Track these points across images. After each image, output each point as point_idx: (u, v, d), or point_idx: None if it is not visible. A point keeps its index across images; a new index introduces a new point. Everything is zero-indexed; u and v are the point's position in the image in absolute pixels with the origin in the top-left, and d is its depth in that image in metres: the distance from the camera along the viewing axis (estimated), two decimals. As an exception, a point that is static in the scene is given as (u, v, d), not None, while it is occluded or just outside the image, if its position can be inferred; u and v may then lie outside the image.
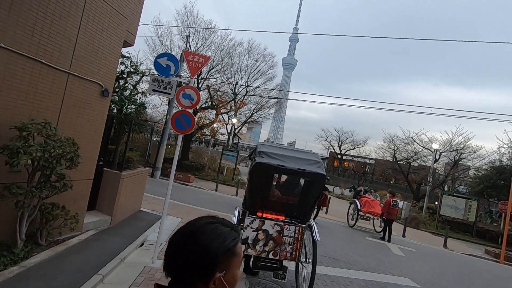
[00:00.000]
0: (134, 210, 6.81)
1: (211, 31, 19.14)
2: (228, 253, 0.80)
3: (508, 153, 19.97)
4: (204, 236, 0.79)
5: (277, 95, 25.89)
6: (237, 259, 0.82)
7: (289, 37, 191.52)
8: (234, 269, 0.81)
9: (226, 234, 0.82)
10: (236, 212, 4.33)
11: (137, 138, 9.72)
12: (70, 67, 4.23)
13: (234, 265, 0.81)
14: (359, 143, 37.50)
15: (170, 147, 20.74)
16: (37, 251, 3.79)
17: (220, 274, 0.78)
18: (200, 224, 0.83)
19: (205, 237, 0.79)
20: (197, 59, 4.57)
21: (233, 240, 0.82)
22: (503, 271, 9.61)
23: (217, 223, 0.84)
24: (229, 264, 0.80)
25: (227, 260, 0.80)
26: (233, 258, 0.81)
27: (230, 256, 0.80)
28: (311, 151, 4.66)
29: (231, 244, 0.81)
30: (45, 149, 3.41)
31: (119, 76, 8.33)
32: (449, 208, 16.33)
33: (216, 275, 0.77)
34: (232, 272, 0.81)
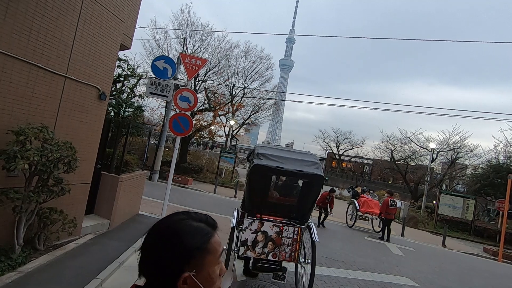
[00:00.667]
0: (133, 214, 6.79)
1: (208, 33, 19.18)
2: (198, 251, 0.75)
3: (505, 152, 20.13)
4: (172, 234, 0.75)
5: (274, 96, 25.94)
6: (211, 256, 0.76)
7: (286, 39, 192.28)
8: (208, 267, 0.75)
9: (197, 230, 0.77)
10: (235, 214, 4.33)
11: (135, 141, 9.71)
12: (67, 70, 4.22)
13: (208, 263, 0.75)
14: (357, 143, 37.71)
15: (168, 150, 20.70)
16: (35, 256, 3.77)
17: (190, 273, 0.73)
18: (170, 221, 0.79)
19: (173, 235, 0.75)
20: (194, 61, 4.58)
21: (203, 236, 0.77)
22: (501, 269, 9.65)
23: (188, 219, 0.79)
24: (202, 262, 0.75)
25: (199, 258, 0.74)
26: (205, 256, 0.75)
27: (202, 254, 0.75)
28: (309, 152, 4.67)
29: (201, 240, 0.76)
30: (43, 153, 3.39)
31: (116, 79, 8.32)
32: (447, 207, 16.40)
33: (185, 274, 0.72)
34: (206, 270, 0.75)
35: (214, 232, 0.80)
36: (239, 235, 3.96)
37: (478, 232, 15.44)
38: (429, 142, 22.88)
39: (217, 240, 0.79)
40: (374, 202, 11.71)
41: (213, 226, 0.81)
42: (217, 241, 0.79)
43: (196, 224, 0.79)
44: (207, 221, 0.81)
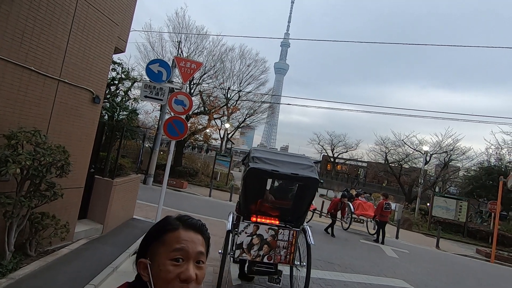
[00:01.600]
0: (127, 218, 6.72)
1: (203, 36, 19.22)
2: (153, 239, 0.76)
3: (496, 154, 20.47)
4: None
5: (269, 99, 26.03)
6: (163, 247, 0.75)
7: (281, 42, 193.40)
8: (160, 258, 0.74)
9: (161, 222, 0.80)
10: (230, 217, 4.32)
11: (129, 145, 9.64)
12: (60, 74, 4.19)
13: (159, 254, 0.74)
14: (351, 146, 37.95)
15: (162, 153, 20.59)
16: (26, 262, 3.70)
17: (145, 260, 0.75)
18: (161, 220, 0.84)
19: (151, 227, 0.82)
20: (189, 65, 4.58)
21: (162, 226, 0.78)
22: (494, 270, 9.77)
23: (171, 216, 0.82)
24: (155, 252, 0.75)
25: (153, 247, 0.76)
26: (158, 245, 0.75)
27: (156, 243, 0.76)
28: (304, 155, 4.69)
29: (158, 229, 0.78)
30: (35, 157, 3.35)
31: (110, 82, 8.26)
32: (440, 209, 16.57)
33: (142, 259, 0.76)
34: (157, 261, 0.74)
35: (182, 229, 0.78)
36: (235, 238, 3.95)
37: (471, 234, 15.62)
38: (422, 145, 23.17)
39: (178, 235, 0.76)
40: (368, 205, 11.80)
41: (186, 224, 0.79)
42: (177, 236, 0.76)
43: (172, 219, 0.81)
44: (182, 219, 0.81)
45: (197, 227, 0.80)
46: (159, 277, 0.72)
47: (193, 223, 0.80)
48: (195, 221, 0.82)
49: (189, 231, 0.78)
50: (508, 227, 16.30)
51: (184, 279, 0.71)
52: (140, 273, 0.76)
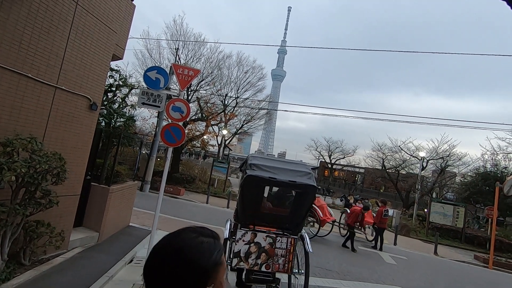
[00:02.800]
0: (123, 226, 6.64)
1: (201, 44, 19.34)
2: (216, 266, 0.80)
3: (492, 160, 20.61)
4: (190, 253, 0.76)
5: (267, 106, 26.13)
6: (223, 268, 0.83)
7: (278, 50, 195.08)
8: (221, 278, 0.82)
9: (211, 247, 0.80)
10: (228, 224, 4.29)
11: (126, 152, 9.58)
12: (57, 81, 4.18)
13: (221, 275, 0.82)
14: (349, 152, 38.04)
15: (159, 160, 20.50)
16: (20, 271, 3.63)
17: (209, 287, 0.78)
18: (182, 239, 0.79)
19: (191, 254, 0.75)
20: (187, 72, 4.60)
21: (218, 252, 0.82)
22: (492, 277, 9.74)
23: (199, 236, 0.81)
24: (217, 276, 0.80)
25: (215, 273, 0.80)
26: (220, 269, 0.81)
27: (218, 268, 0.80)
28: (301, 162, 4.69)
29: (217, 256, 0.81)
30: (30, 164, 3.32)
31: (107, 89, 8.27)
32: (438, 215, 16.58)
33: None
34: (219, 281, 0.81)
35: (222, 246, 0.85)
36: (232, 246, 3.92)
37: (468, 240, 15.61)
38: (419, 151, 23.32)
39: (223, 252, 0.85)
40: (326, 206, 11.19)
41: (219, 239, 0.86)
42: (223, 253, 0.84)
43: (208, 239, 0.83)
44: (213, 235, 0.85)
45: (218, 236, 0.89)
46: None
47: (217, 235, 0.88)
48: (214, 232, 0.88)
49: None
50: (505, 233, 16.32)
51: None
52: None
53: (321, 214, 9.98)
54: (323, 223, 9.93)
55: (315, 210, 9.92)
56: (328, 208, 10.81)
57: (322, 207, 10.42)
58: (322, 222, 9.88)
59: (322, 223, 9.90)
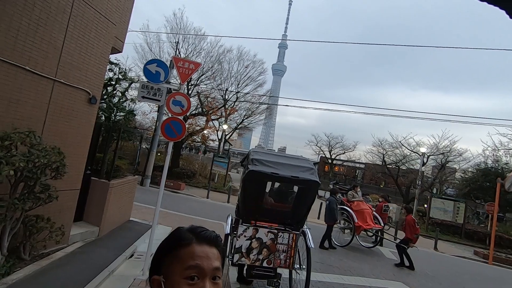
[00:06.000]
0: (123, 220, 6.63)
1: (201, 37, 19.16)
2: (167, 255, 0.71)
3: (493, 156, 20.55)
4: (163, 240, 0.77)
5: (267, 101, 26.01)
6: (178, 265, 0.69)
7: (278, 44, 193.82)
8: (174, 276, 0.68)
9: (173, 236, 0.74)
10: (229, 220, 4.26)
11: (126, 146, 9.54)
12: (56, 74, 4.11)
13: (173, 271, 0.69)
14: (349, 147, 37.90)
15: (160, 155, 20.45)
16: (20, 266, 3.61)
17: (159, 277, 0.69)
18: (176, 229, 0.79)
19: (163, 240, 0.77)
20: (187, 65, 4.52)
21: (174, 241, 0.72)
22: (492, 272, 9.76)
23: (182, 228, 0.76)
24: (168, 269, 0.70)
25: (167, 263, 0.70)
26: (171, 262, 0.70)
27: (170, 259, 0.70)
28: (303, 157, 4.64)
29: (170, 245, 0.72)
30: (29, 159, 3.27)
31: (107, 83, 8.19)
32: (438, 210, 16.60)
33: (155, 277, 0.70)
34: (171, 279, 0.68)
35: (196, 244, 0.72)
36: (233, 241, 3.89)
37: (468, 235, 15.65)
38: (419, 147, 23.20)
39: (192, 251, 0.70)
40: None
41: (200, 238, 0.73)
42: (191, 251, 0.70)
43: (184, 232, 0.75)
44: (195, 231, 0.74)
45: (211, 240, 0.74)
46: None
47: (207, 236, 0.74)
48: (209, 233, 0.75)
49: (203, 245, 0.72)
50: (505, 229, 16.35)
51: None
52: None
53: (356, 219, 8.78)
54: (358, 230, 8.74)
55: (350, 215, 8.95)
56: (375, 214, 9.49)
57: (362, 212, 9.07)
58: (357, 229, 8.70)
59: (357, 230, 8.72)
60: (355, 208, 9.24)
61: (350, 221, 9.01)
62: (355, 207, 9.31)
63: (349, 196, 9.85)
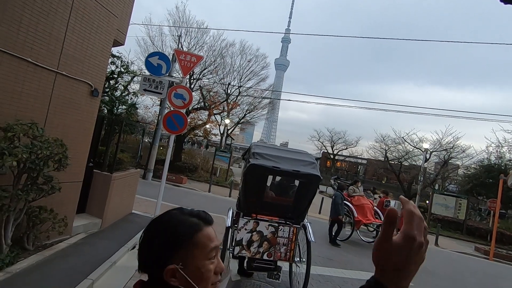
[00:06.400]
0: (126, 213, 6.68)
1: (203, 31, 19.05)
2: (184, 242, 0.72)
3: (496, 152, 20.41)
4: (162, 225, 0.75)
5: (269, 95, 25.91)
6: (198, 249, 0.73)
7: (281, 38, 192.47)
8: (197, 260, 0.72)
9: (184, 222, 0.75)
10: (230, 213, 4.28)
11: (128, 139, 9.56)
12: (58, 66, 4.11)
13: (196, 256, 0.72)
14: (351, 143, 37.81)
15: (162, 149, 20.53)
16: (23, 256, 3.66)
17: (177, 266, 0.70)
18: (164, 215, 0.78)
19: (162, 225, 0.75)
20: (189, 58, 4.50)
21: (190, 227, 0.74)
22: (493, 268, 9.77)
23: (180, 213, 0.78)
24: (188, 255, 0.71)
25: (185, 250, 0.71)
26: (191, 248, 0.72)
27: (187, 246, 0.72)
28: (305, 152, 4.63)
29: (187, 231, 0.73)
30: (32, 150, 3.30)
31: (109, 76, 8.18)
32: (439, 206, 16.57)
33: (170, 266, 0.70)
34: (194, 264, 0.71)
35: (205, 226, 0.77)
36: (234, 234, 3.91)
37: (469, 231, 15.65)
38: (422, 142, 23.08)
39: (207, 234, 0.75)
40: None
41: (206, 221, 0.78)
42: (207, 235, 0.75)
43: (187, 217, 0.77)
44: (199, 215, 0.79)
45: (210, 220, 0.81)
46: (202, 278, 0.73)
47: (207, 217, 0.80)
48: (206, 214, 0.81)
49: (209, 226, 0.78)
50: (507, 225, 16.33)
51: (219, 272, 0.76)
52: (168, 281, 0.70)
53: (355, 214, 8.85)
54: (358, 224, 8.85)
55: (350, 210, 8.98)
56: (376, 209, 9.52)
57: (362, 206, 9.11)
58: (356, 224, 8.80)
59: (357, 224, 8.82)
60: (355, 203, 9.31)
61: (351, 216, 9.07)
62: (355, 202, 9.37)
63: (350, 191, 9.84)
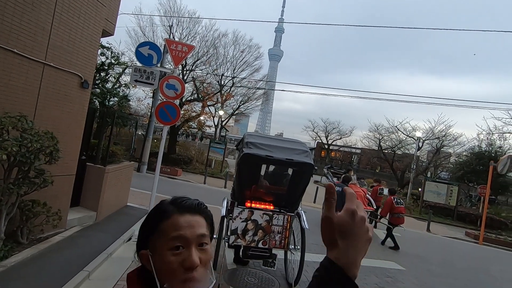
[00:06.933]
0: (121, 205, 6.68)
1: (195, 21, 18.72)
2: (152, 230, 0.71)
3: (487, 140, 20.76)
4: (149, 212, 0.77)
5: (263, 86, 25.77)
6: (162, 238, 0.69)
7: (275, 28, 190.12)
8: (160, 250, 0.68)
9: (155, 211, 0.74)
10: (225, 203, 4.30)
11: (121, 132, 9.48)
12: (45, 57, 4.02)
13: (159, 246, 0.69)
14: (345, 133, 38.01)
15: (156, 141, 20.38)
16: (18, 250, 3.65)
17: (146, 251, 0.70)
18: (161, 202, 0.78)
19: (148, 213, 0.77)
20: (181, 48, 4.44)
21: (157, 216, 0.72)
22: (482, 252, 10.08)
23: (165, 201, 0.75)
24: (154, 243, 0.69)
25: (153, 239, 0.70)
26: (157, 237, 0.69)
27: (154, 234, 0.70)
28: (298, 141, 4.65)
29: (153, 219, 0.72)
30: (22, 143, 3.25)
31: (99, 67, 8.03)
32: (431, 193, 16.90)
33: (143, 251, 0.71)
34: (158, 253, 0.68)
35: (176, 215, 0.71)
36: (229, 224, 3.95)
37: (460, 217, 16.03)
38: (415, 131, 23.36)
39: (173, 222, 0.70)
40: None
41: (181, 208, 0.73)
42: (173, 223, 0.70)
43: (166, 205, 0.74)
44: (176, 202, 0.74)
45: (193, 208, 0.74)
46: (162, 269, 0.67)
47: (187, 205, 0.74)
48: (191, 202, 0.75)
49: (185, 214, 0.72)
50: (496, 211, 16.75)
51: (188, 267, 0.66)
52: (144, 265, 0.72)
53: None
54: None
55: None
56: (368, 197, 9.69)
57: None
58: None
59: None
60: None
61: None
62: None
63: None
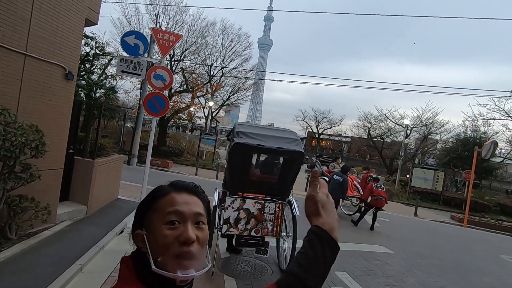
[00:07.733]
0: (112, 199, 6.62)
1: (183, 10, 18.27)
2: (146, 209, 0.71)
3: (472, 126, 21.30)
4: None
5: (253, 76, 25.58)
6: (157, 214, 0.69)
7: (264, 17, 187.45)
8: (155, 227, 0.68)
9: (153, 190, 0.75)
10: (216, 193, 4.32)
11: (110, 125, 9.32)
12: (26, 48, 3.87)
13: (154, 222, 0.69)
14: (336, 122, 38.37)
15: (146, 134, 20.12)
16: (7, 245, 3.60)
17: (141, 231, 0.70)
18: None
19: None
20: (168, 37, 4.34)
21: (154, 194, 0.73)
22: (466, 233, 10.49)
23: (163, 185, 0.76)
24: (150, 222, 0.70)
25: (148, 217, 0.70)
26: (152, 214, 0.70)
27: (149, 212, 0.71)
28: (288, 130, 4.67)
29: (150, 198, 0.73)
30: (5, 137, 3.16)
31: (84, 58, 7.79)
32: (419, 179, 17.36)
33: (137, 231, 0.71)
34: (153, 229, 0.68)
35: (173, 192, 0.72)
36: (222, 213, 3.98)
37: (446, 202, 16.57)
38: (403, 119, 23.73)
39: (169, 199, 0.70)
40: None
41: (177, 188, 0.74)
42: (169, 199, 0.70)
43: (163, 186, 0.75)
44: (173, 183, 0.75)
45: (190, 189, 0.74)
46: (158, 244, 0.66)
47: (185, 185, 0.75)
48: (188, 183, 0.76)
49: (182, 193, 0.72)
50: (480, 194, 17.36)
51: (183, 241, 0.65)
52: (138, 246, 0.71)
53: None
54: None
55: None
56: (355, 184, 10.00)
57: None
58: None
59: None
60: None
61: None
62: None
63: (330, 167, 10.19)
